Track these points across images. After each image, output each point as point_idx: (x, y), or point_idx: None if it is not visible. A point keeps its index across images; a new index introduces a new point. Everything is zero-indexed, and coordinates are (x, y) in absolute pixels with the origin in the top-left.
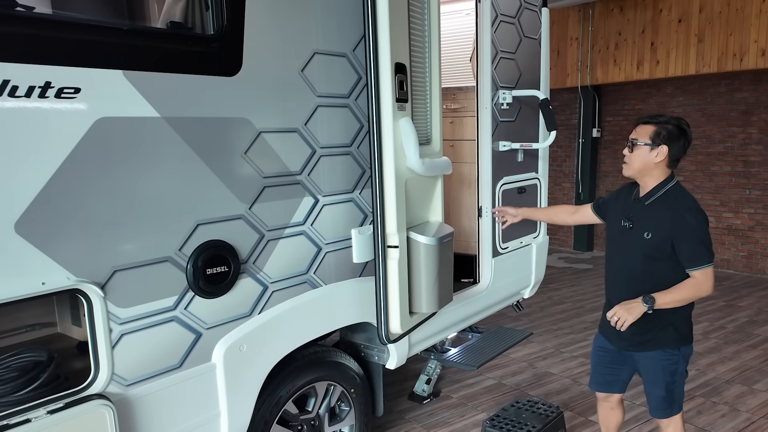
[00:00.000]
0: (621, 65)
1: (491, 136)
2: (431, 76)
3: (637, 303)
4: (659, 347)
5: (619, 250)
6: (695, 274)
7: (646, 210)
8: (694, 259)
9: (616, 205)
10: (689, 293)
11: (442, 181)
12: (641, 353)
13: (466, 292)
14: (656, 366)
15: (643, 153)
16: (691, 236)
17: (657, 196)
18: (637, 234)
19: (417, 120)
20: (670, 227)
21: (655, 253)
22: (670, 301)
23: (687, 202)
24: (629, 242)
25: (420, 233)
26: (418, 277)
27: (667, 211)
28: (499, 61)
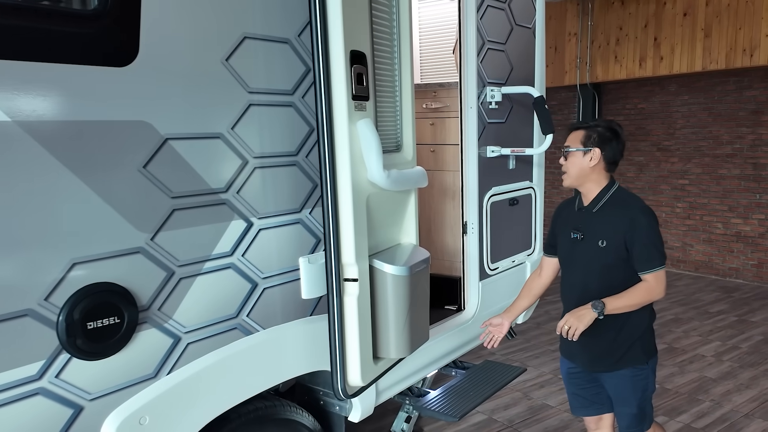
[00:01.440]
0: (622, 62)
1: (477, 140)
2: (401, 69)
3: (587, 309)
4: (628, 365)
5: (573, 265)
6: (647, 277)
7: (595, 217)
8: (646, 261)
9: (562, 225)
10: (641, 297)
11: (417, 196)
12: (609, 374)
13: (449, 322)
14: (626, 384)
15: (577, 159)
16: (643, 237)
17: (603, 202)
18: (589, 244)
19: (383, 122)
20: (624, 230)
21: (611, 260)
22: (621, 306)
23: (636, 203)
24: (583, 254)
25: (387, 261)
26: (385, 315)
27: (618, 214)
28: (486, 52)
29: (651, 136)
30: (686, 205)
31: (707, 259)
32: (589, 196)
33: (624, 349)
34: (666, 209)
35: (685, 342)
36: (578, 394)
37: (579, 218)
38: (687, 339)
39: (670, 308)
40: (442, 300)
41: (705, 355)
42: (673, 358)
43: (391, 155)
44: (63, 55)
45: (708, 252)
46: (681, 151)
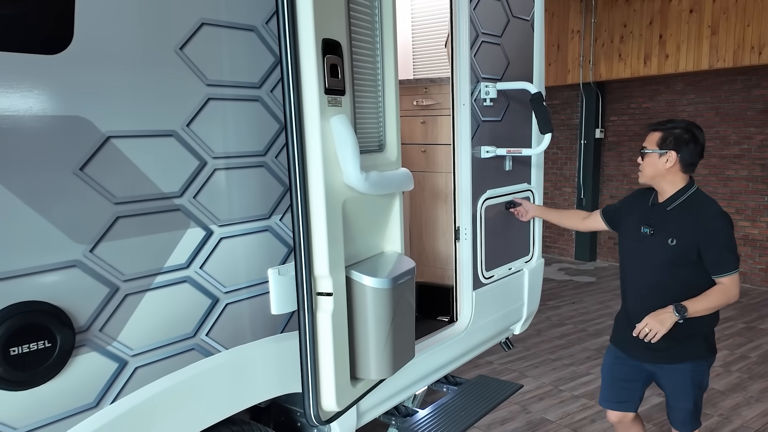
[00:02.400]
0: (626, 60)
1: (471, 139)
2: (384, 61)
3: (669, 313)
4: (690, 359)
5: (638, 258)
6: (723, 280)
7: (668, 215)
8: (722, 265)
9: (630, 212)
10: (719, 300)
11: (402, 200)
12: (668, 366)
13: (441, 334)
14: (686, 378)
15: (653, 160)
16: (718, 242)
17: (679, 202)
18: (659, 241)
19: (363, 119)
20: (697, 233)
21: (679, 260)
22: (701, 309)
23: (712, 207)
24: (650, 249)
25: (366, 272)
26: (364, 332)
27: (693, 216)
28: (480, 45)
29: None
30: None
31: None
32: (664, 194)
33: (688, 344)
34: None
35: None
36: (613, 386)
37: (651, 213)
38: None
39: None
40: (434, 310)
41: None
42: None
43: (373, 155)
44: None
45: None
46: None
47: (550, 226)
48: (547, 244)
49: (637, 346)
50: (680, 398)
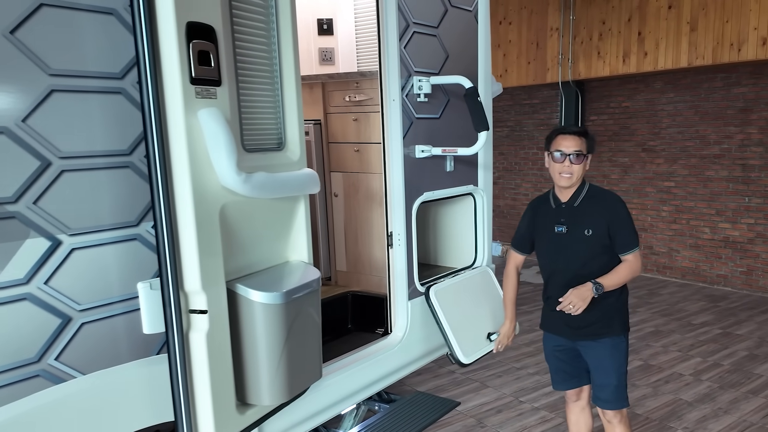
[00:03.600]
0: (605, 58)
1: (402, 137)
2: (281, 49)
3: (588, 289)
4: (609, 334)
5: (559, 255)
6: (628, 257)
7: (578, 211)
8: (628, 244)
9: (538, 223)
10: (628, 274)
11: (308, 203)
12: (592, 342)
13: (372, 348)
14: (606, 353)
15: (586, 163)
16: (624, 225)
17: (583, 196)
18: (576, 234)
19: (254, 114)
20: (607, 218)
21: (596, 246)
22: (614, 284)
23: (611, 195)
24: (569, 244)
25: (255, 286)
26: (253, 353)
27: (599, 206)
28: (411, 36)
29: (636, 136)
30: (672, 209)
31: (694, 265)
32: (568, 193)
33: (605, 321)
34: (651, 213)
35: (663, 358)
36: (561, 369)
37: (561, 213)
38: (665, 354)
39: (651, 319)
40: (371, 322)
41: (683, 373)
42: (647, 377)
43: (270, 154)
44: None
45: (695, 258)
46: (667, 152)
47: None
48: None
49: (566, 326)
50: (603, 374)
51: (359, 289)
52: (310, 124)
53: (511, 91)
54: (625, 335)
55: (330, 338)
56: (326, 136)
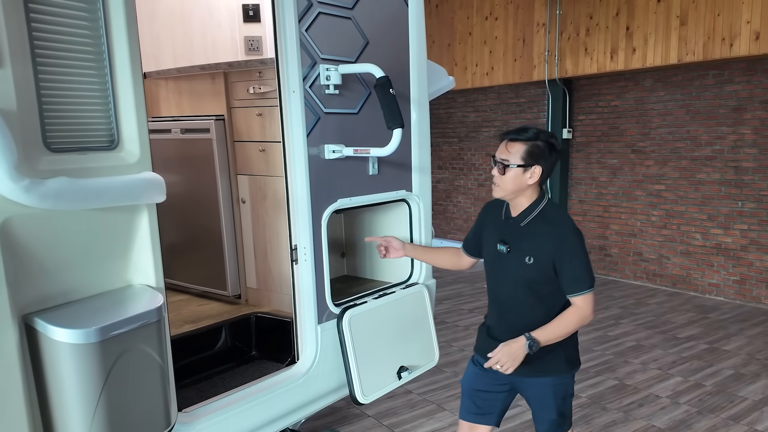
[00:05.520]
0: (593, 54)
1: (306, 135)
2: (108, 23)
3: (521, 346)
4: (552, 373)
5: (499, 276)
6: (576, 300)
7: (523, 232)
8: (577, 283)
9: (486, 229)
10: (572, 325)
11: (153, 216)
12: (531, 379)
13: (272, 379)
14: (548, 392)
15: (516, 175)
16: (573, 256)
17: (533, 216)
18: (516, 259)
19: (65, 103)
20: (552, 249)
21: (537, 277)
22: (554, 338)
23: (566, 221)
24: (508, 267)
25: (59, 321)
26: (60, 404)
27: (548, 233)
28: (316, 18)
29: (625, 136)
30: (662, 213)
31: (685, 273)
32: (518, 208)
33: (547, 358)
34: (641, 217)
35: (641, 377)
36: (479, 398)
37: (506, 229)
38: (643, 373)
39: (634, 332)
40: (281, 348)
41: (660, 395)
42: (620, 399)
43: (97, 155)
44: None
45: (686, 266)
46: (657, 154)
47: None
48: None
49: None
50: (543, 410)
51: (268, 310)
52: (212, 119)
53: (498, 90)
54: (572, 371)
55: (229, 366)
56: (230, 133)
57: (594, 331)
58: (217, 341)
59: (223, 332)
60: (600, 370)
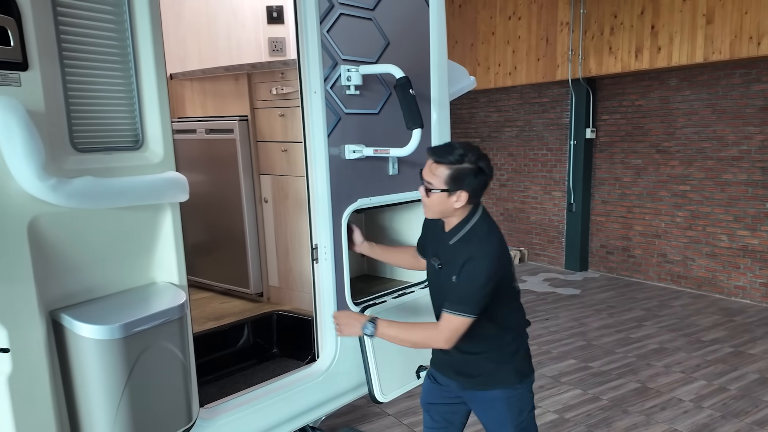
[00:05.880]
0: (617, 53)
1: (327, 135)
2: (135, 26)
3: (359, 322)
4: (499, 386)
5: (433, 290)
6: (443, 317)
7: (451, 250)
8: (454, 303)
9: (428, 239)
10: (417, 336)
11: (177, 214)
12: (480, 393)
13: (291, 377)
14: (500, 407)
15: (441, 199)
16: (467, 281)
17: (461, 235)
18: (446, 276)
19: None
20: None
21: None
22: (391, 337)
23: (485, 247)
24: (441, 283)
25: (84, 317)
26: (85, 399)
27: (465, 252)
28: (337, 19)
29: (649, 136)
30: (687, 214)
31: (710, 275)
32: (449, 225)
33: (493, 370)
34: (665, 218)
35: (663, 380)
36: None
37: (440, 244)
38: (666, 376)
39: (657, 335)
40: (302, 346)
41: (683, 399)
42: (642, 402)
43: (122, 155)
44: None
45: (711, 268)
46: (682, 154)
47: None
48: (537, 252)
49: (450, 368)
50: (500, 428)
51: (289, 308)
52: (236, 120)
53: (520, 89)
54: (523, 383)
55: (251, 363)
56: (253, 133)
57: (616, 333)
58: (239, 338)
59: (246, 330)
60: (622, 372)
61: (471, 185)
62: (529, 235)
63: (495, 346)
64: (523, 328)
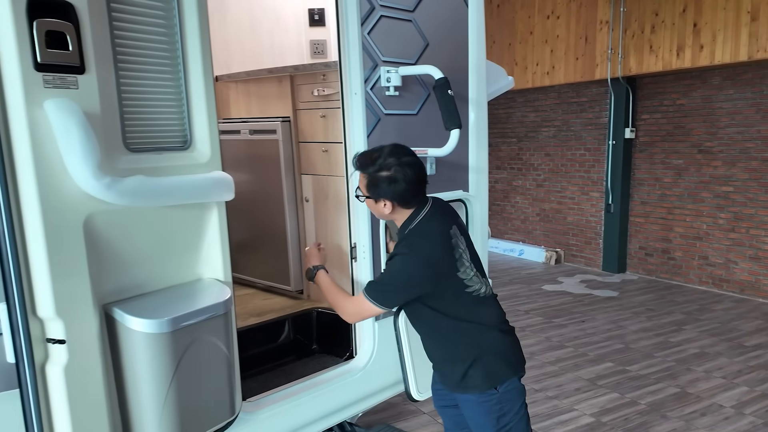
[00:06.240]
0: (658, 52)
1: (367, 136)
2: (184, 31)
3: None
4: (472, 391)
5: None
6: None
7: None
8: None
9: None
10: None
11: (223, 212)
12: (458, 395)
13: (330, 373)
14: (476, 410)
15: (371, 205)
16: (387, 272)
17: (402, 235)
18: None
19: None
20: None
21: None
22: (322, 287)
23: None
24: None
25: (135, 311)
26: (136, 389)
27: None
28: (378, 21)
29: (691, 136)
30: (730, 216)
31: (753, 279)
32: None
33: (460, 374)
34: (707, 220)
35: (704, 386)
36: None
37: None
38: (707, 382)
39: (697, 339)
40: (341, 343)
41: (723, 405)
42: (681, 407)
43: (171, 155)
44: None
45: (755, 271)
46: (725, 154)
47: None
48: (573, 253)
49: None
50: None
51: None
52: (278, 121)
53: (558, 89)
54: (500, 388)
55: (291, 359)
56: (295, 134)
57: (655, 337)
58: (280, 334)
59: (286, 326)
60: (660, 377)
61: (388, 193)
62: (565, 236)
63: (452, 349)
64: (489, 333)
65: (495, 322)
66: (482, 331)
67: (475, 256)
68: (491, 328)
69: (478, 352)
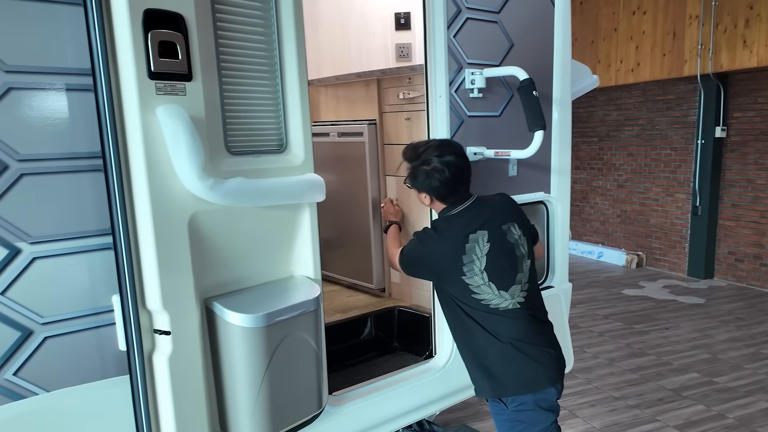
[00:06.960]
0: (752, 47)
1: (451, 138)
2: (281, 39)
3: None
4: (480, 393)
5: None
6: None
7: None
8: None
9: None
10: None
11: (314, 212)
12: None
13: (410, 371)
14: (497, 421)
15: (414, 194)
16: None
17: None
18: None
19: (245, 112)
20: None
21: None
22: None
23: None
24: None
25: (233, 306)
26: (232, 381)
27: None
28: (464, 24)
29: None
30: None
31: None
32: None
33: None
34: None
35: None
36: None
37: None
38: None
39: None
40: (422, 342)
41: None
42: None
43: (268, 158)
44: None
45: None
46: None
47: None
48: (656, 256)
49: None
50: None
51: (409, 304)
52: (365, 124)
53: (643, 87)
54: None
55: (372, 356)
56: (381, 137)
57: (745, 348)
58: (362, 331)
59: (369, 323)
60: (751, 390)
61: (425, 186)
62: (648, 238)
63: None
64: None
65: (510, 337)
66: (492, 340)
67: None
68: (503, 341)
69: (484, 357)
